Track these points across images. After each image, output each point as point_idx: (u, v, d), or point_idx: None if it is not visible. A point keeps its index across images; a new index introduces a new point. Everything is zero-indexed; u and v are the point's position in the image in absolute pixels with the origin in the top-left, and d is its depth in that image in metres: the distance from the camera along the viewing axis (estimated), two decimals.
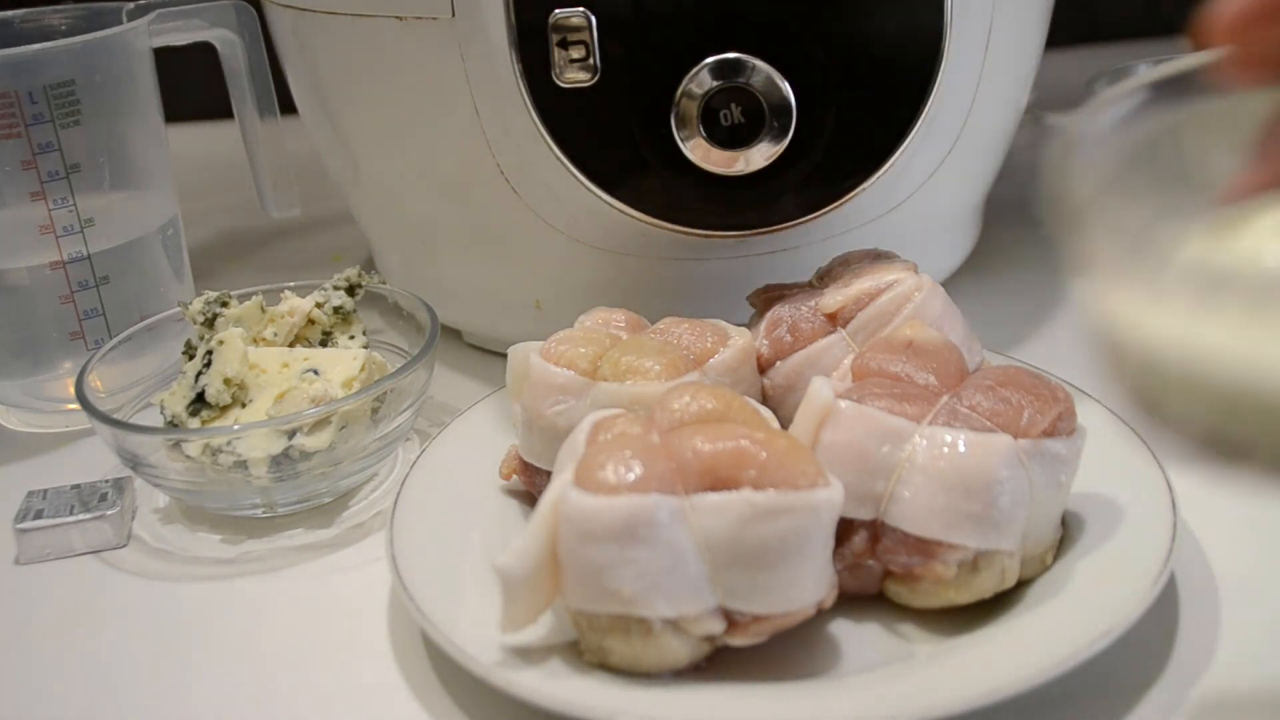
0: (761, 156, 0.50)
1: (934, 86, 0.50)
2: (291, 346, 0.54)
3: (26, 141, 0.54)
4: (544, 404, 0.44)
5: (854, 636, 0.40)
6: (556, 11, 0.48)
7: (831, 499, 0.37)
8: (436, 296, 0.57)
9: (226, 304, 0.54)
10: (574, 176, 0.50)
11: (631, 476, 0.36)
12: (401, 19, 0.51)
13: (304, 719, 0.40)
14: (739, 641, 0.37)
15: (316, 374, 0.51)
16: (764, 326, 0.48)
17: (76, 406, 0.50)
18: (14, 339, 0.58)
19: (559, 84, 0.49)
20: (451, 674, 0.40)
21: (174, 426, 0.50)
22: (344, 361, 0.51)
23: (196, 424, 0.50)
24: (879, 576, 0.40)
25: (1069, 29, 0.76)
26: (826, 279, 0.49)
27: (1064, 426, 0.40)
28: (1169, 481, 0.42)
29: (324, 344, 0.55)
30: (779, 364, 0.47)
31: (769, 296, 0.50)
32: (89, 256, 0.57)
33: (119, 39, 0.57)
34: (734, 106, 0.49)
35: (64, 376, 0.58)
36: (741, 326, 0.49)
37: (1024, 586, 0.40)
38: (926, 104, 0.51)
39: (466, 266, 0.59)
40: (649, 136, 0.50)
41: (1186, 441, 0.26)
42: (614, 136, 0.50)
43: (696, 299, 0.55)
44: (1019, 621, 0.39)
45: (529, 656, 0.38)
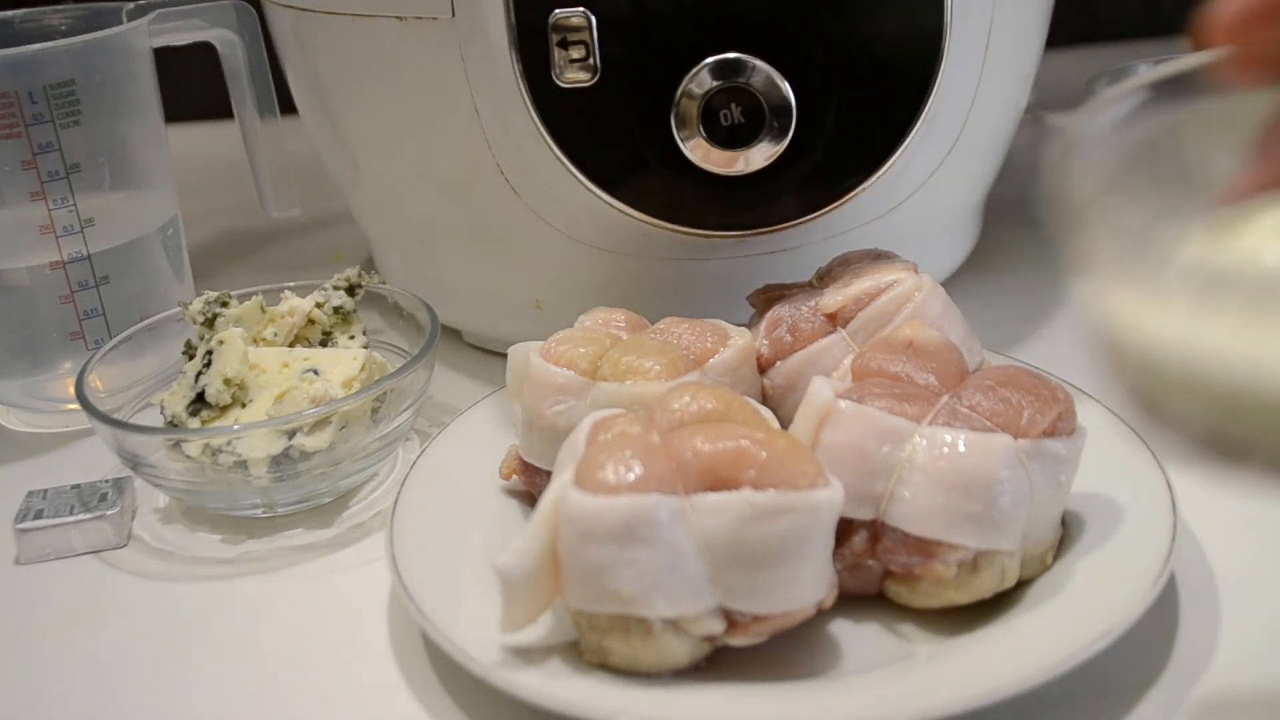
0: (761, 156, 0.50)
1: (934, 86, 0.50)
2: (291, 346, 0.54)
3: (26, 141, 0.54)
4: (544, 404, 0.44)
5: (854, 636, 0.40)
6: (556, 11, 0.48)
7: (831, 499, 0.37)
8: (436, 296, 0.57)
9: (226, 304, 0.54)
10: (574, 176, 0.50)
11: (631, 476, 0.36)
12: (401, 19, 0.51)
13: (304, 719, 0.40)
14: (739, 641, 0.37)
15: (316, 374, 0.51)
16: (764, 326, 0.48)
17: (76, 406, 0.50)
18: (14, 339, 0.58)
19: (559, 84, 0.49)
20: (451, 674, 0.40)
21: (174, 426, 0.50)
22: (344, 361, 0.51)
23: (196, 424, 0.50)
24: (879, 576, 0.40)
25: (1069, 29, 0.76)
26: (826, 279, 0.49)
27: (1064, 426, 0.40)
28: (1169, 481, 0.42)
29: (324, 344, 0.55)
30: (779, 364, 0.47)
31: (769, 296, 0.50)
32: (89, 256, 0.57)
33: (119, 39, 0.57)
34: (734, 106, 0.49)
35: (64, 376, 0.58)
36: (741, 326, 0.49)
37: (1024, 586, 0.40)
38: (926, 104, 0.51)
39: (466, 266, 0.59)
40: (649, 136, 0.50)
41: (1186, 441, 0.26)
42: (614, 136, 0.50)
43: (696, 299, 0.55)
44: (1019, 621, 0.39)
45: (529, 656, 0.38)
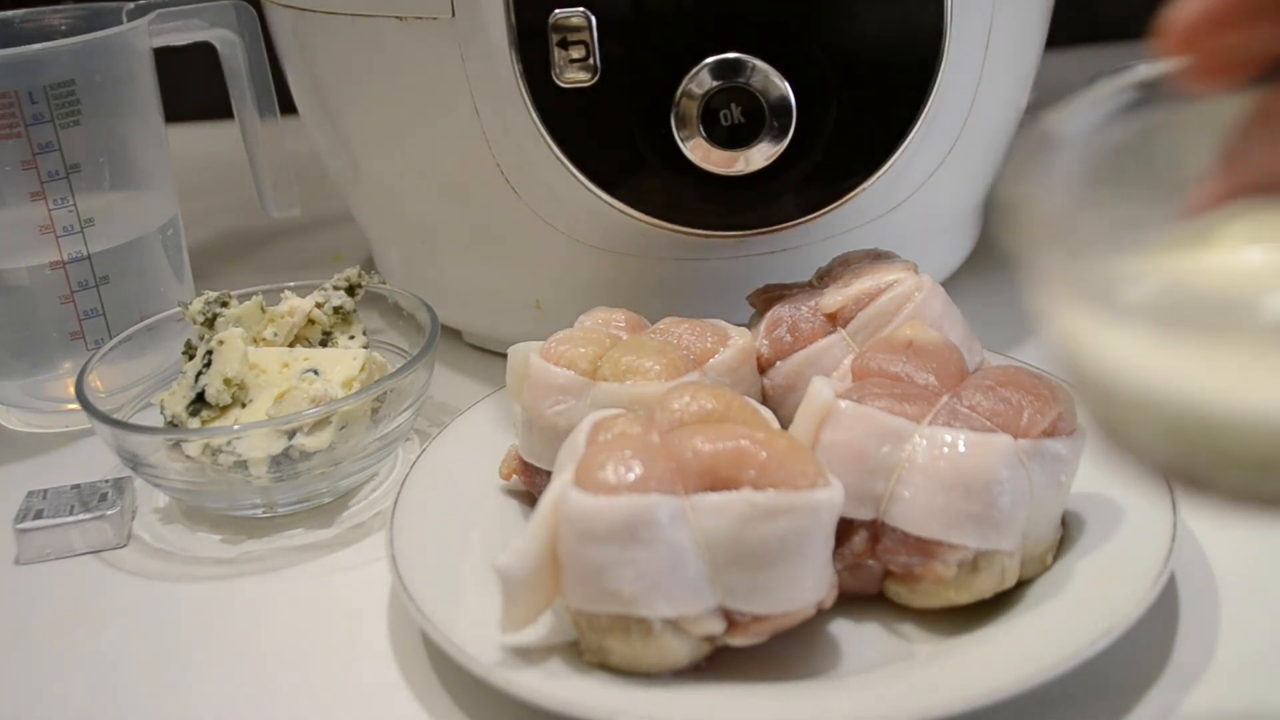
0: (761, 156, 0.50)
1: (934, 86, 0.50)
2: (291, 346, 0.54)
3: (26, 141, 0.54)
4: (544, 404, 0.44)
5: (854, 636, 0.40)
6: (556, 11, 0.48)
7: (831, 499, 0.37)
8: (436, 296, 0.56)
9: (226, 304, 0.54)
10: (574, 176, 0.50)
11: (631, 476, 0.36)
12: (401, 19, 0.51)
13: (304, 719, 0.40)
14: (739, 641, 0.37)
15: (316, 374, 0.51)
16: (764, 326, 0.48)
17: (76, 406, 0.50)
18: (14, 339, 0.58)
19: (559, 84, 0.49)
20: (451, 674, 0.40)
21: (174, 426, 0.50)
22: (344, 361, 0.51)
23: (196, 424, 0.50)
24: (879, 576, 0.40)
25: (1069, 29, 0.76)
26: (826, 279, 0.49)
27: (1064, 426, 0.40)
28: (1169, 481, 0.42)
29: (324, 344, 0.55)
30: (779, 364, 0.47)
31: (769, 296, 0.50)
32: (89, 256, 0.57)
33: (119, 39, 0.57)
34: (734, 106, 0.49)
35: (64, 376, 0.58)
36: (741, 326, 0.49)
37: (1024, 586, 0.40)
38: (926, 104, 0.51)
39: (466, 266, 0.59)
40: (649, 136, 0.50)
41: (1148, 469, 0.25)
42: (614, 136, 0.50)
43: (696, 299, 0.54)
44: (1019, 621, 0.39)
45: (529, 656, 0.38)
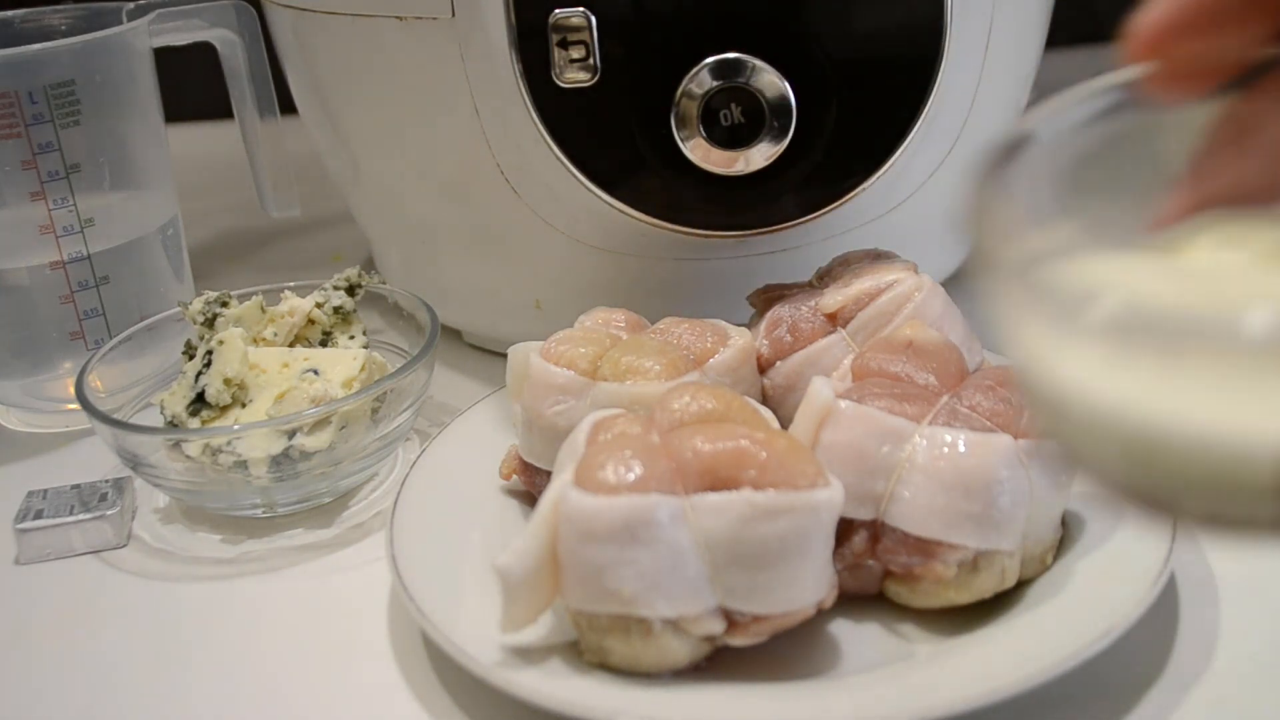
0: (761, 156, 0.50)
1: (934, 86, 0.50)
2: (291, 346, 0.54)
3: (26, 141, 0.54)
4: (544, 404, 0.44)
5: (854, 636, 0.40)
6: (556, 11, 0.48)
7: (831, 499, 0.37)
8: (436, 296, 0.56)
9: (226, 304, 0.54)
10: (574, 176, 0.50)
11: (631, 476, 0.36)
12: (401, 19, 0.51)
13: (304, 719, 0.40)
14: (739, 641, 0.37)
15: (316, 374, 0.51)
16: (764, 326, 0.48)
17: (76, 406, 0.50)
18: (14, 339, 0.58)
19: (559, 84, 0.49)
20: (451, 674, 0.40)
21: (174, 426, 0.50)
22: (344, 361, 0.51)
23: (196, 424, 0.50)
24: (879, 576, 0.40)
25: (1069, 29, 0.76)
26: (826, 279, 0.49)
27: None
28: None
29: (324, 344, 0.55)
30: (779, 364, 0.47)
31: (769, 296, 0.50)
32: (89, 256, 0.57)
33: (119, 39, 0.57)
34: (734, 106, 0.49)
35: (64, 376, 0.58)
36: (741, 326, 0.49)
37: (1024, 586, 0.40)
38: (926, 104, 0.51)
39: (466, 266, 0.59)
40: (649, 136, 0.50)
41: (1111, 491, 0.23)
42: (614, 136, 0.50)
43: (696, 299, 0.54)
44: (1019, 621, 0.39)
45: (529, 656, 0.38)
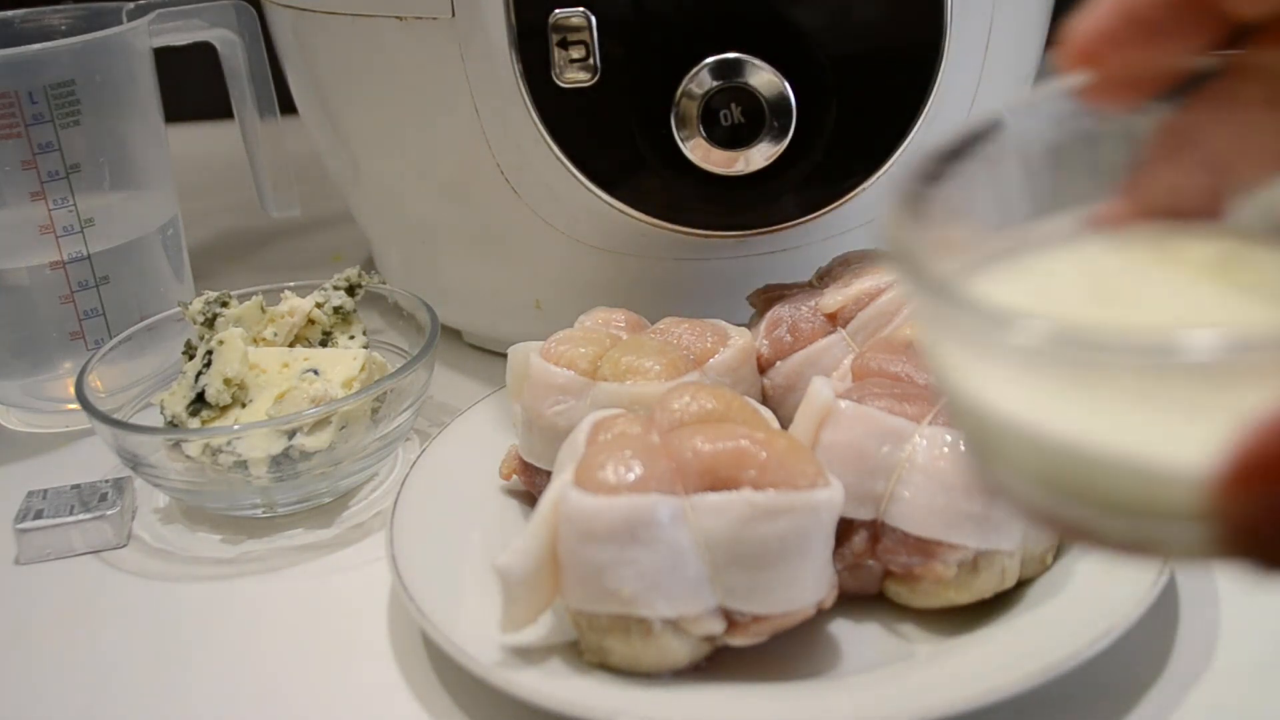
0: (761, 156, 0.50)
1: (934, 86, 0.50)
2: (291, 346, 0.54)
3: (26, 141, 0.54)
4: (544, 404, 0.44)
5: (854, 636, 0.40)
6: (556, 11, 0.48)
7: (831, 499, 0.37)
8: (436, 296, 0.56)
9: (226, 304, 0.54)
10: (574, 176, 0.50)
11: (631, 476, 0.36)
12: (401, 19, 0.51)
13: (304, 719, 0.40)
14: (739, 641, 0.37)
15: (316, 374, 0.51)
16: (764, 326, 0.48)
17: (76, 406, 0.50)
18: (14, 339, 0.58)
19: (559, 84, 0.49)
20: (451, 674, 0.40)
21: (174, 426, 0.50)
22: (344, 361, 0.51)
23: (196, 424, 0.50)
24: (879, 576, 0.40)
25: None
26: (826, 279, 0.49)
27: None
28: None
29: (324, 344, 0.55)
30: (779, 364, 0.47)
31: (769, 296, 0.50)
32: (89, 256, 0.57)
33: (119, 39, 0.57)
34: (734, 106, 0.49)
35: (64, 376, 0.58)
36: (741, 326, 0.49)
37: (1024, 586, 0.40)
38: (926, 104, 0.50)
39: (466, 266, 0.59)
40: (649, 136, 0.50)
41: (1025, 516, 0.22)
42: (614, 136, 0.50)
43: (696, 299, 0.54)
44: (1019, 621, 0.39)
45: (529, 656, 0.38)
